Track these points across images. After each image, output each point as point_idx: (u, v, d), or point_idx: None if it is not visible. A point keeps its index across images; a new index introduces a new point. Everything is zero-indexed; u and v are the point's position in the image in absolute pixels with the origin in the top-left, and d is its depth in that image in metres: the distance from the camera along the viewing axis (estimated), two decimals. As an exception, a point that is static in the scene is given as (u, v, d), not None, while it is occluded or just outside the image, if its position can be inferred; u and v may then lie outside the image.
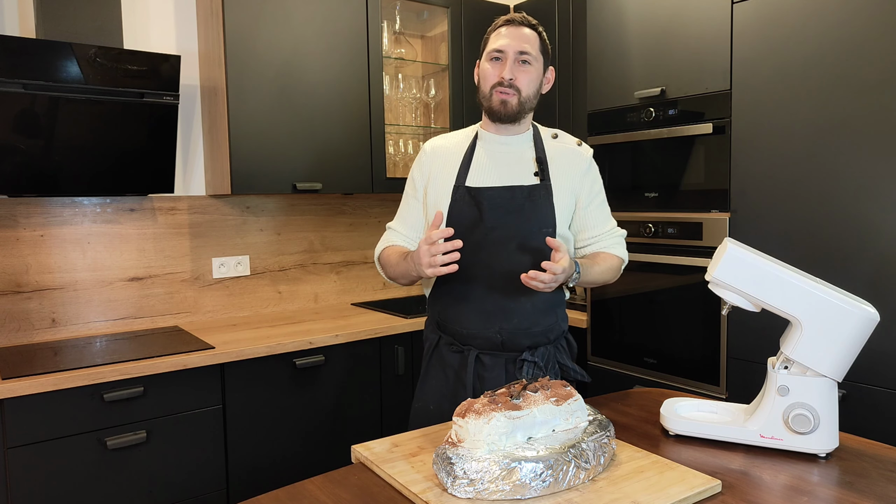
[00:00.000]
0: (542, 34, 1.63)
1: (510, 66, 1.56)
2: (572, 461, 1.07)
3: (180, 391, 2.13)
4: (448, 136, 1.75)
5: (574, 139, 1.73)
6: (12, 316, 2.34)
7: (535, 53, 1.58)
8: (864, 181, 1.85)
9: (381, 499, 1.09)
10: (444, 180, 1.65)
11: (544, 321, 1.62)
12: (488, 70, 1.60)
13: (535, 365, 1.59)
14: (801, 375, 1.25)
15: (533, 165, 1.63)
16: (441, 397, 1.64)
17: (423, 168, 1.70)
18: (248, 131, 2.49)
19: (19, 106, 2.06)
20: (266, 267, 2.90)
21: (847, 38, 1.86)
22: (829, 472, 1.19)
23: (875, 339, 1.79)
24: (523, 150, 1.66)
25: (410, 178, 1.73)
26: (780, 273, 1.24)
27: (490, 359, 1.60)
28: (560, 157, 1.66)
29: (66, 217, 2.44)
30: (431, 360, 1.70)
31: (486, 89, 1.61)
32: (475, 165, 1.64)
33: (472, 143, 1.67)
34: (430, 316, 1.75)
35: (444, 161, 1.67)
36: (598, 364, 2.65)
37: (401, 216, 1.75)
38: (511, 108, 1.58)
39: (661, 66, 2.35)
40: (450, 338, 1.65)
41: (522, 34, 1.58)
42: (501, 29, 1.60)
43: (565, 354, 1.69)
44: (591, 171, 1.69)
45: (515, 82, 1.57)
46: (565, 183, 1.64)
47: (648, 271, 2.41)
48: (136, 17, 2.56)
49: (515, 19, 1.60)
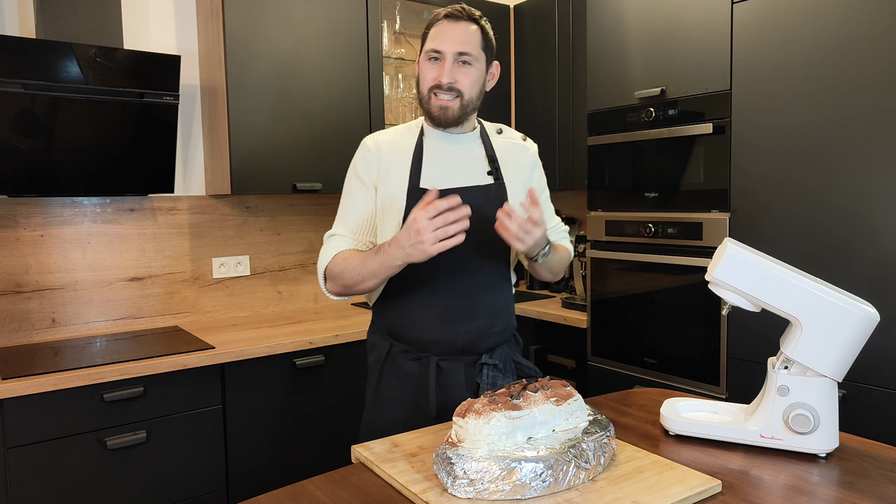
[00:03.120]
0: (486, 28, 1.52)
1: (449, 69, 1.47)
2: (572, 461, 1.07)
3: (180, 391, 2.13)
4: (388, 131, 1.62)
5: (518, 134, 1.69)
6: (12, 316, 2.34)
7: (476, 53, 1.49)
8: (863, 181, 1.85)
9: (381, 499, 1.09)
10: (395, 180, 1.53)
11: (502, 320, 1.59)
12: (427, 70, 1.50)
13: (495, 367, 1.55)
14: (801, 375, 1.25)
15: (485, 164, 1.58)
16: (399, 408, 1.55)
17: (371, 165, 1.56)
18: (248, 131, 2.49)
19: (19, 106, 2.06)
20: (266, 267, 2.90)
21: (847, 38, 1.86)
22: (829, 472, 1.19)
23: (875, 339, 1.79)
24: (473, 147, 1.59)
25: (355, 177, 1.58)
26: (780, 273, 1.24)
27: (449, 364, 1.53)
28: (509, 153, 1.62)
29: (66, 217, 2.44)
30: (384, 370, 1.58)
31: (424, 91, 1.52)
32: (427, 165, 1.55)
33: (419, 141, 1.57)
34: (377, 324, 1.64)
35: (391, 159, 1.55)
36: (598, 364, 2.65)
37: (347, 221, 1.57)
38: (451, 114, 1.51)
39: (661, 66, 2.35)
40: (404, 346, 1.56)
41: (463, 31, 1.48)
42: (441, 25, 1.49)
43: (518, 351, 1.66)
44: (537, 167, 1.67)
45: (456, 85, 1.48)
46: (518, 179, 1.60)
47: (648, 271, 2.41)
48: (136, 17, 2.56)
49: (455, 13, 1.49)
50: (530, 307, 2.95)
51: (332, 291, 1.56)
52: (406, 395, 1.56)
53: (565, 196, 3.51)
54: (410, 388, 1.55)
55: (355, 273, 1.46)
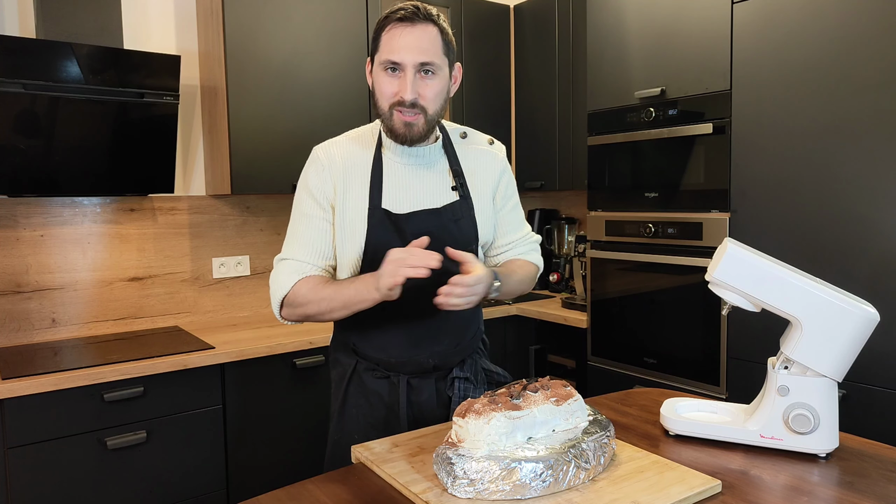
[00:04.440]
0: (444, 28, 1.37)
1: (411, 84, 1.31)
2: (572, 461, 1.07)
3: (180, 391, 2.13)
4: (341, 142, 1.46)
5: (485, 137, 1.56)
6: (12, 316, 2.34)
7: (438, 60, 1.34)
8: (863, 181, 1.85)
9: (381, 499, 1.09)
10: (353, 199, 1.40)
11: (469, 332, 1.53)
12: (384, 84, 1.34)
13: (466, 380, 1.50)
14: (801, 375, 1.25)
15: (448, 178, 1.46)
16: (368, 427, 1.47)
17: (325, 183, 1.41)
18: (248, 131, 2.49)
19: (19, 106, 2.06)
20: (266, 267, 2.90)
21: (847, 38, 1.86)
22: (829, 472, 1.19)
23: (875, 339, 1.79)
24: (435, 159, 1.46)
25: (307, 193, 1.43)
26: (780, 273, 1.24)
27: (419, 381, 1.47)
28: (474, 163, 1.50)
29: (66, 217, 2.44)
30: (349, 388, 1.50)
31: (384, 107, 1.36)
32: (388, 183, 1.42)
33: (377, 154, 1.43)
34: (339, 339, 1.54)
35: (346, 174, 1.41)
36: (598, 364, 2.65)
37: (300, 241, 1.42)
38: (417, 132, 1.36)
39: (661, 66, 2.35)
40: (371, 363, 1.48)
41: (422, 36, 1.31)
42: (396, 29, 1.32)
43: (485, 357, 1.62)
44: (504, 174, 1.54)
45: (420, 101, 1.33)
46: (484, 190, 1.50)
47: (648, 271, 2.41)
48: (136, 17, 2.56)
49: (408, 14, 1.31)
50: (530, 307, 2.94)
51: (287, 318, 1.43)
52: (375, 413, 1.48)
53: (565, 196, 3.51)
54: (379, 406, 1.48)
55: (324, 304, 1.36)
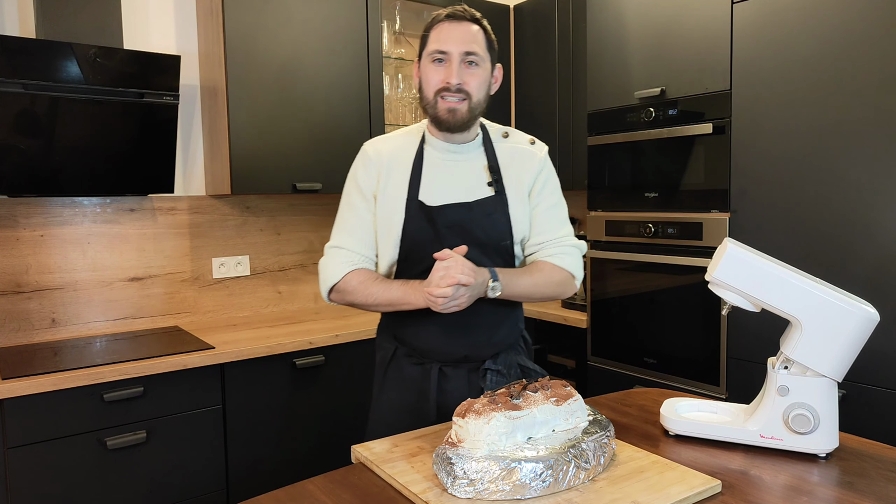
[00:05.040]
0: (488, 29, 1.49)
1: (457, 70, 1.42)
2: (572, 461, 1.07)
3: (180, 391, 2.13)
4: (389, 138, 1.58)
5: (527, 137, 1.61)
6: (12, 316, 2.34)
7: (482, 53, 1.45)
8: (863, 181, 1.85)
9: (381, 499, 1.09)
10: (394, 192, 1.50)
11: (504, 329, 1.57)
12: (431, 73, 1.45)
13: (498, 372, 1.54)
14: (801, 375, 1.25)
15: (485, 174, 1.53)
16: (400, 412, 1.54)
17: (371, 174, 1.53)
18: (248, 131, 2.49)
19: (19, 106, 2.06)
20: (266, 267, 2.90)
21: (847, 38, 1.86)
22: (829, 472, 1.19)
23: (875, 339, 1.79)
24: (475, 157, 1.54)
25: (355, 185, 1.54)
26: (780, 273, 1.24)
27: (452, 370, 1.53)
28: (512, 161, 1.55)
29: (66, 217, 2.44)
30: (388, 371, 1.59)
31: (429, 95, 1.46)
32: (427, 177, 1.50)
33: (419, 150, 1.53)
34: (384, 325, 1.63)
35: (390, 169, 1.52)
36: (598, 364, 2.65)
37: (349, 231, 1.53)
38: (460, 117, 1.45)
39: (661, 66, 2.35)
40: (408, 349, 1.56)
41: (467, 31, 1.43)
42: (443, 25, 1.44)
43: (524, 355, 1.65)
44: (543, 173, 1.58)
45: (464, 86, 1.43)
46: (520, 188, 1.54)
47: (648, 271, 2.41)
48: (136, 17, 2.56)
49: (457, 13, 1.45)
50: (530, 307, 2.94)
51: (335, 301, 1.54)
52: (408, 398, 1.55)
53: (565, 196, 3.50)
54: (412, 392, 1.55)
55: (371, 299, 1.47)
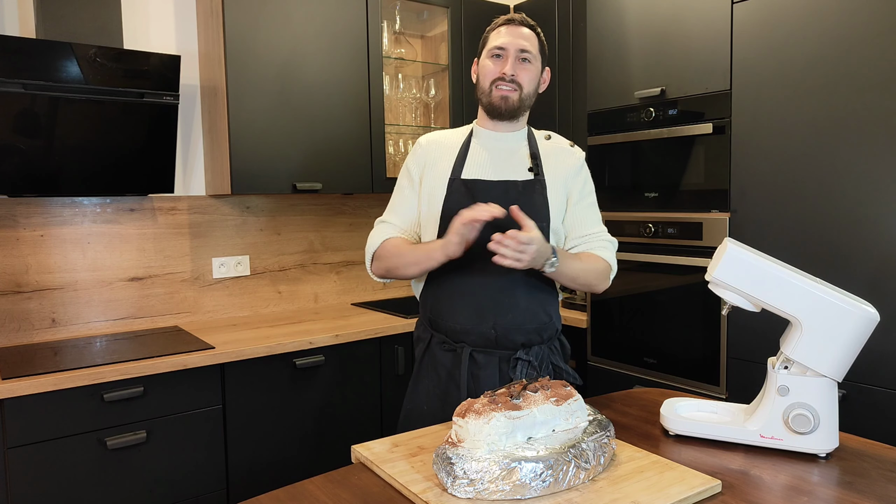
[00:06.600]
0: (541, 35, 1.66)
1: (512, 63, 1.60)
2: (572, 461, 1.07)
3: (180, 391, 2.13)
4: (443, 132, 1.77)
5: (567, 141, 1.76)
6: (12, 316, 2.34)
7: (534, 52, 1.63)
8: (864, 181, 1.85)
9: (381, 499, 1.09)
10: (439, 172, 1.66)
11: (538, 318, 1.61)
12: (489, 66, 1.63)
13: (529, 364, 1.58)
14: (801, 375, 1.25)
15: (527, 161, 1.66)
16: (433, 398, 1.63)
17: (419, 159, 1.70)
18: (248, 131, 2.49)
19: (19, 106, 2.06)
20: (266, 267, 2.90)
21: (847, 38, 1.86)
22: (829, 472, 1.19)
23: (875, 339, 1.79)
24: (518, 145, 1.69)
25: (405, 169, 1.73)
26: (779, 273, 1.24)
27: (484, 357, 1.58)
28: (553, 155, 1.69)
29: (66, 217, 2.44)
30: (423, 361, 1.68)
31: (485, 85, 1.64)
32: (471, 159, 1.66)
33: (467, 139, 1.70)
34: (421, 315, 1.74)
35: (439, 154, 1.69)
36: (598, 364, 2.65)
37: (394, 209, 1.73)
38: (512, 104, 1.61)
39: (661, 66, 2.35)
40: (442, 336, 1.64)
41: (522, 33, 1.62)
42: (502, 28, 1.64)
43: (559, 356, 1.68)
44: (582, 172, 1.71)
45: (517, 78, 1.60)
46: (558, 179, 1.66)
47: (648, 271, 2.41)
48: (136, 17, 2.56)
49: (515, 19, 1.64)
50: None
51: (376, 272, 1.68)
52: (441, 385, 1.62)
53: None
54: (444, 379, 1.62)
55: (400, 259, 1.61)
